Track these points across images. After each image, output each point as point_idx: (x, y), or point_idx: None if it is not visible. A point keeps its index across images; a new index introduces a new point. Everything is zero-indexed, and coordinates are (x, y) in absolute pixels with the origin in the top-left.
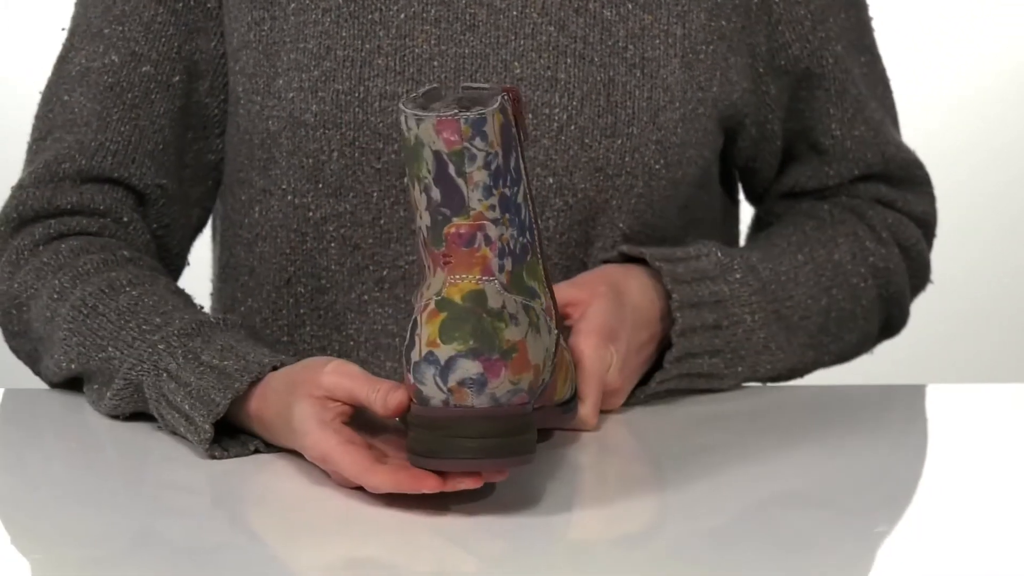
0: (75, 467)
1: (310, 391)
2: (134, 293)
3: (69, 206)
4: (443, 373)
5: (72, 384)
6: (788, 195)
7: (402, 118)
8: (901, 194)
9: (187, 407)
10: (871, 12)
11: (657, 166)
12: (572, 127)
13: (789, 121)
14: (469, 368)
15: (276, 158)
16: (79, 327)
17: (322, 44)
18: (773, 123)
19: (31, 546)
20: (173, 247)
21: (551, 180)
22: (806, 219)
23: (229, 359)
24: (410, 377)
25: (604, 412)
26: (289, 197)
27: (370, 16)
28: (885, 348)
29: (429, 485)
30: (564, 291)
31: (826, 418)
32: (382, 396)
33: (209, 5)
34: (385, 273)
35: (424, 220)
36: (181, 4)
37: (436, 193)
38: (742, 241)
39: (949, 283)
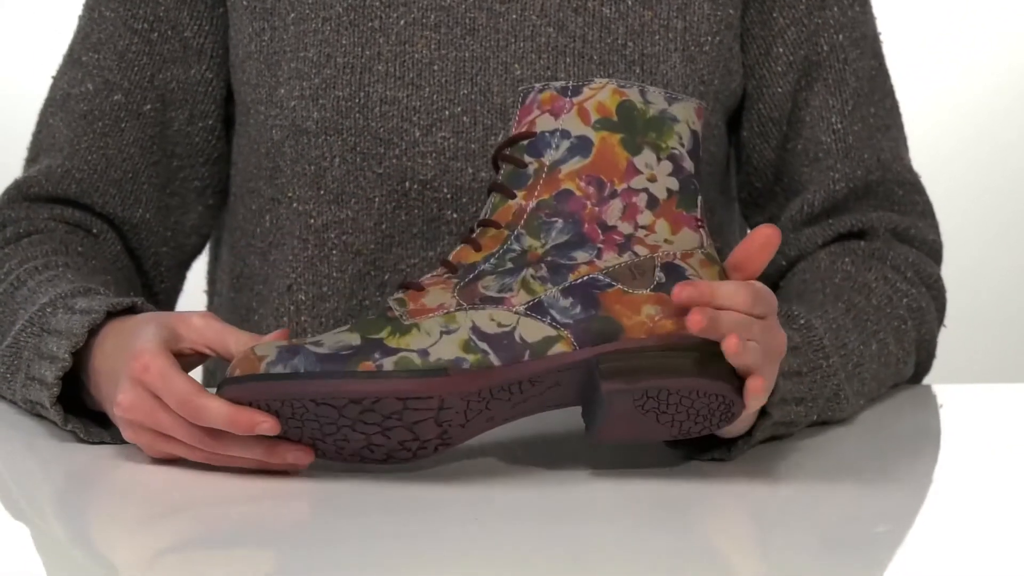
0: None
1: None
2: (54, 273)
3: (40, 220)
4: None
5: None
6: (800, 223)
7: (636, 89)
8: (912, 221)
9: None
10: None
11: None
12: None
13: (792, 138)
14: None
15: (281, 167)
16: (5, 299)
17: (322, 52)
18: (772, 112)
19: None
20: (159, 276)
21: None
22: (831, 274)
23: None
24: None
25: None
26: (295, 205)
27: (370, 24)
28: None
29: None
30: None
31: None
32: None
33: (187, 35)
34: (387, 278)
35: (664, 183)
36: (156, 34)
37: (689, 165)
38: None
39: (949, 283)
